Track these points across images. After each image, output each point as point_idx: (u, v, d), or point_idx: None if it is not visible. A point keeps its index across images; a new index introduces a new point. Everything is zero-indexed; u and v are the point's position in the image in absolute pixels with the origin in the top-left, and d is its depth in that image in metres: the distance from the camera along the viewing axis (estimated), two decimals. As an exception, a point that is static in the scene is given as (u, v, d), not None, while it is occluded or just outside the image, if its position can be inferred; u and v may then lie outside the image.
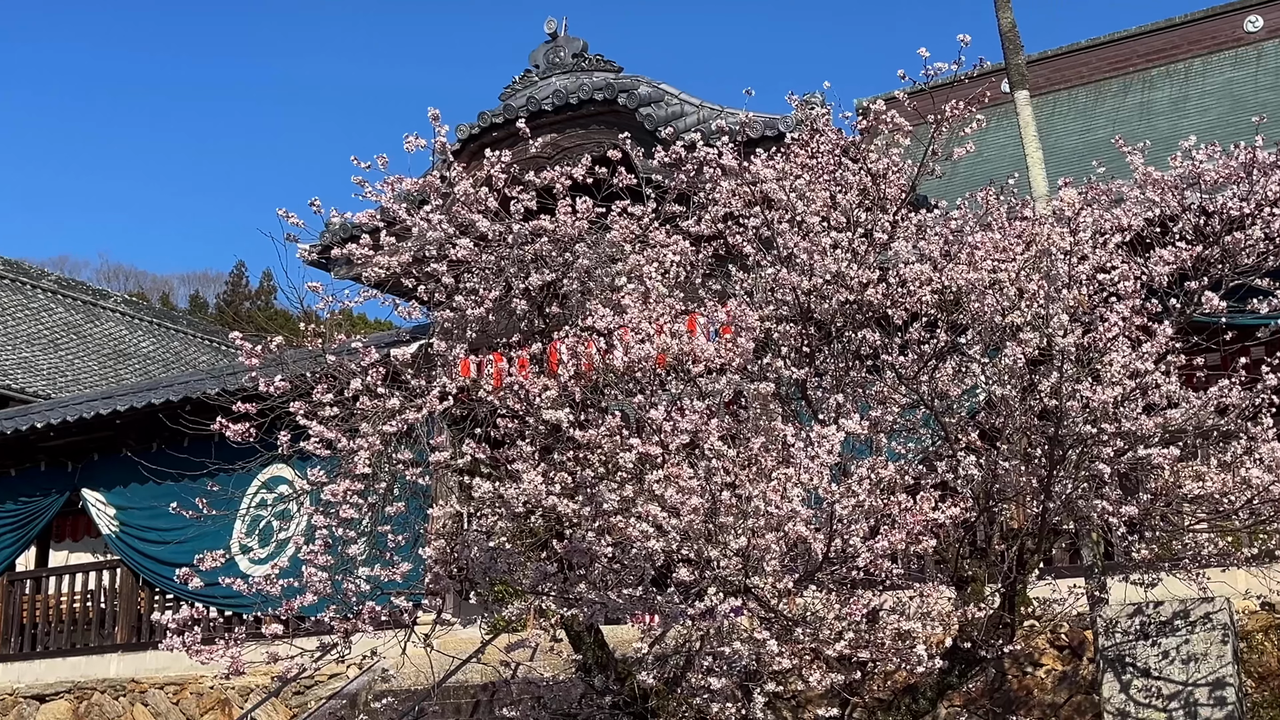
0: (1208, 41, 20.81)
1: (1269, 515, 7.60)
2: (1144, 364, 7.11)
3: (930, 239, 7.64)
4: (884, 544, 6.40)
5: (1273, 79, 19.82)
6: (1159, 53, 21.11)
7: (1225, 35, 20.76)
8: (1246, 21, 20.70)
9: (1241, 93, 19.74)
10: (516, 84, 14.06)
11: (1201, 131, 16.88)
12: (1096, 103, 21.14)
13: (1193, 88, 20.43)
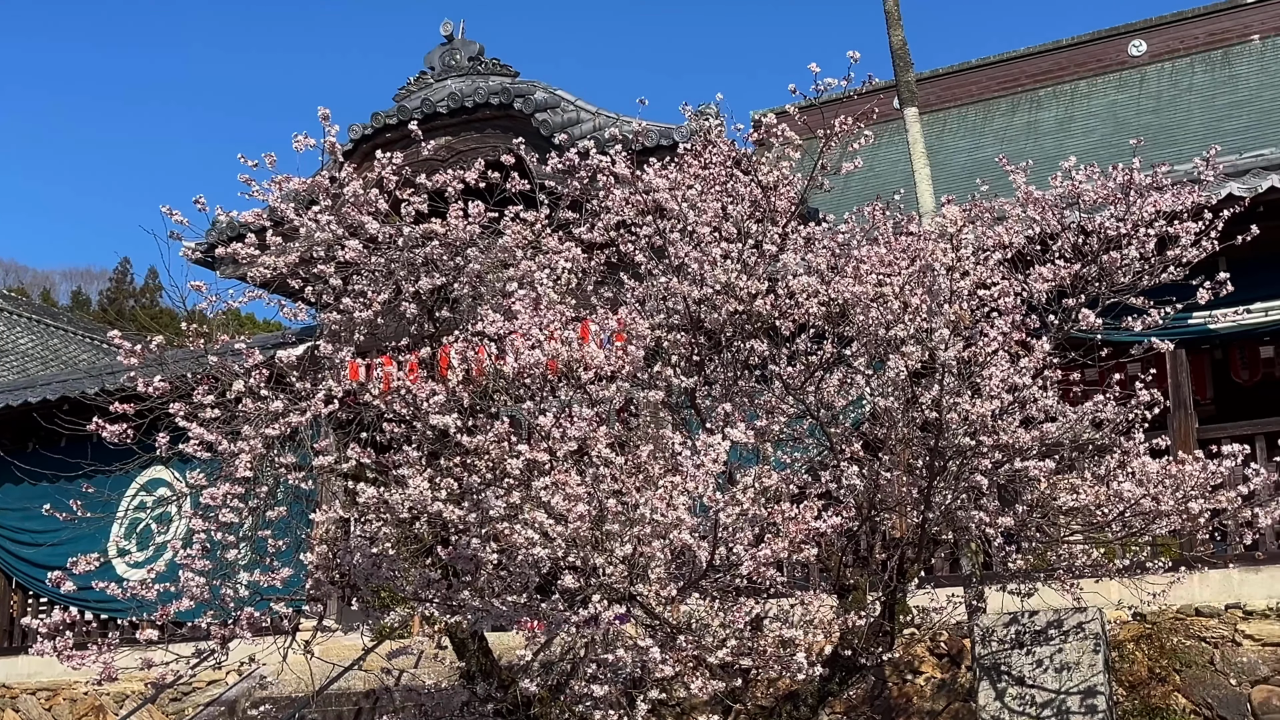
0: (1093, 64, 21.39)
1: (1140, 527, 7.81)
2: (1022, 378, 7.28)
3: (818, 252, 7.74)
4: (767, 552, 6.46)
5: (1154, 102, 20.44)
6: (1046, 74, 21.65)
7: (1110, 58, 21.35)
8: (1131, 45, 21.31)
9: (1124, 115, 20.31)
10: (411, 85, 13.96)
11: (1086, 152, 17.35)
12: (985, 121, 21.60)
13: (1078, 108, 20.97)
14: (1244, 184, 9.90)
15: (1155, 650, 9.73)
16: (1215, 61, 20.42)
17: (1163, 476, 7.50)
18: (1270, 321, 10.75)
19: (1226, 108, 19.54)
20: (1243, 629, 9.82)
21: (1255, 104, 19.35)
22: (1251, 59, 20.20)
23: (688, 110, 8.44)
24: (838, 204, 9.66)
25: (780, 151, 7.79)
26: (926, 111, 21.26)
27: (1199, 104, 19.95)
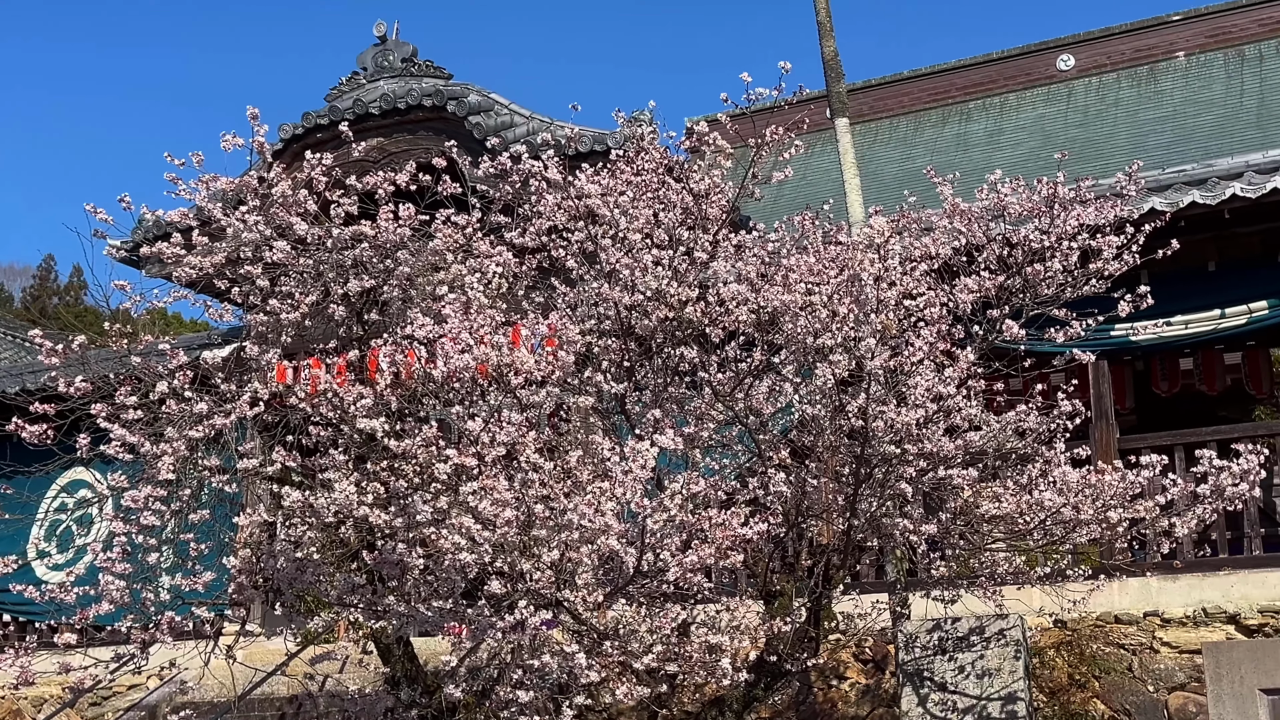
0: (1022, 78, 21.69)
1: (1061, 536, 7.94)
2: (947, 388, 7.37)
3: (749, 260, 7.79)
4: (694, 558, 6.48)
5: (1081, 116, 20.76)
6: (977, 86, 21.92)
7: (1039, 72, 21.66)
8: (1059, 60, 21.64)
9: (1052, 128, 20.61)
10: (343, 86, 13.86)
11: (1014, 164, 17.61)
12: (916, 132, 21.83)
13: (1007, 121, 21.26)
14: (1166, 199, 10.10)
15: (1075, 657, 9.88)
16: (1141, 77, 20.79)
17: (1083, 486, 7.63)
18: (1190, 334, 10.97)
19: (1152, 123, 19.90)
20: (1160, 636, 10.01)
21: (1179, 119, 19.73)
22: (1176, 75, 20.59)
23: (621, 116, 8.46)
24: (770, 212, 9.72)
25: (712, 159, 7.83)
26: (859, 121, 21.46)
27: (1125, 118, 20.31)
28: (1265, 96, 19.52)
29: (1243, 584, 10.08)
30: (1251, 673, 7.46)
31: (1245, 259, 10.76)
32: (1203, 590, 10.15)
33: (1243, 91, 19.80)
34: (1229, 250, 10.76)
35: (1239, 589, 10.07)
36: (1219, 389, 13.88)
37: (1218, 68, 20.41)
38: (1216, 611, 9.98)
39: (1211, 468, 7.58)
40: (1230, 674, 7.47)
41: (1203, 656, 7.84)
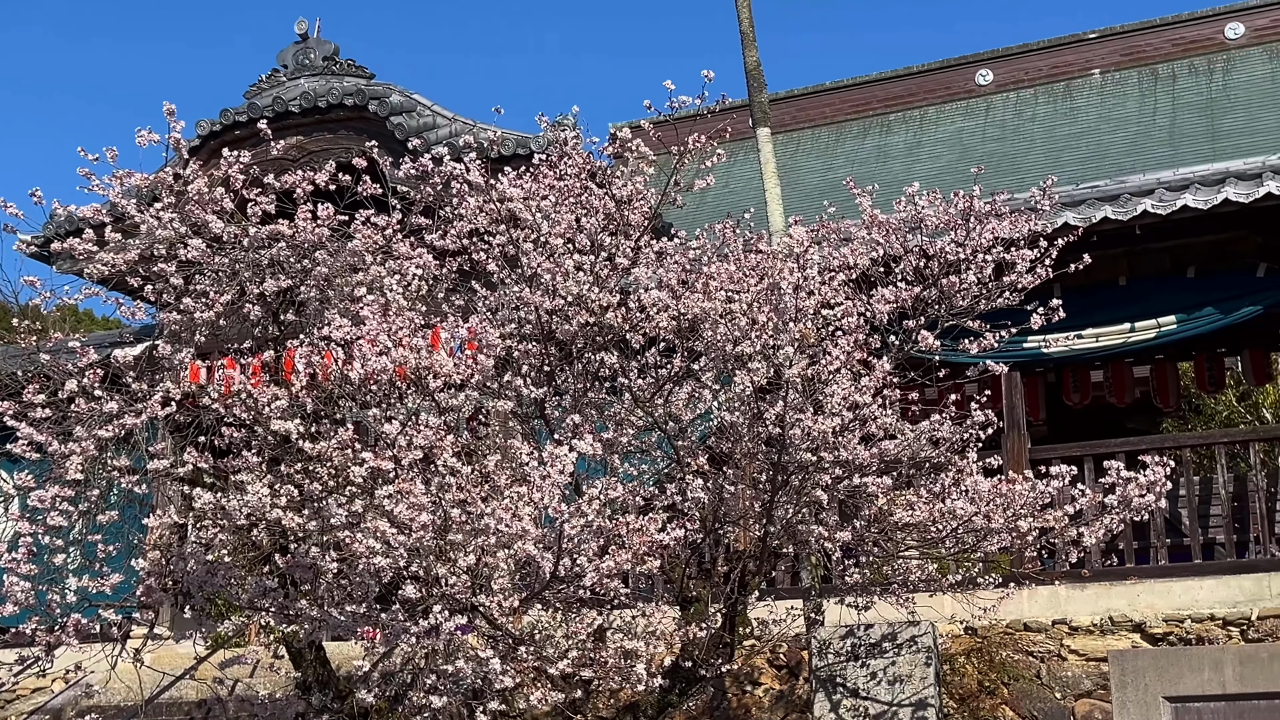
0: (942, 91, 21.98)
1: (972, 544, 8.06)
2: (863, 396, 7.45)
3: (670, 267, 7.82)
4: (611, 564, 6.49)
5: (999, 130, 21.09)
6: (897, 99, 22.17)
7: (958, 86, 21.96)
8: (978, 75, 21.96)
9: (971, 142, 20.92)
10: (263, 83, 13.70)
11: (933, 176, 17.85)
12: (838, 143, 22.04)
13: (927, 134, 21.53)
14: (1079, 214, 10.29)
15: (985, 664, 10.03)
16: (1058, 93, 21.17)
17: (994, 495, 7.74)
18: (1101, 347, 11.18)
19: (1067, 138, 20.27)
20: (1068, 644, 10.19)
21: (1094, 136, 20.11)
22: (1092, 92, 20.99)
23: (544, 121, 8.45)
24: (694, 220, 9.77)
25: (635, 166, 7.85)
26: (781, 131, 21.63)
27: (1041, 134, 20.66)
28: (1177, 115, 19.97)
29: (1148, 593, 10.28)
30: (1155, 681, 7.62)
31: (1155, 274, 11.00)
32: (1110, 599, 10.34)
33: (1155, 110, 20.23)
34: (1140, 265, 10.99)
35: (1145, 598, 10.28)
36: (1128, 401, 14.17)
37: (1131, 86, 20.84)
38: (1123, 620, 10.18)
39: (1119, 478, 7.73)
40: (1135, 682, 7.62)
41: (1109, 664, 7.99)
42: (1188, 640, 9.88)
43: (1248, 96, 19.67)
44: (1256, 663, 7.52)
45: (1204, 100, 19.92)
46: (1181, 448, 11.28)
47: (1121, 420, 15.56)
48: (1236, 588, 10.09)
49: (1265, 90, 19.72)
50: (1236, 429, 16.56)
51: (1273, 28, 20.38)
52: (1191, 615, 10.00)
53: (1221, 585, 10.14)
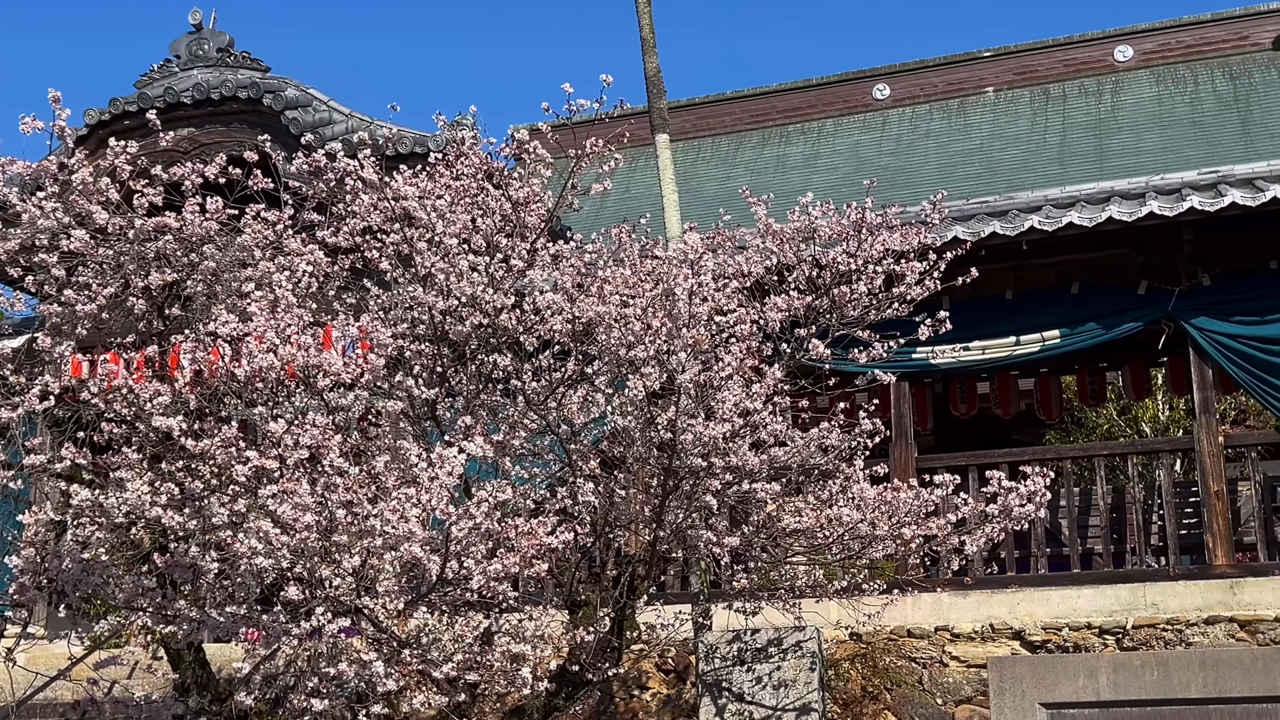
0: (840, 104, 22.26)
1: (857, 550, 8.17)
2: (754, 403, 7.51)
3: (565, 270, 7.81)
4: (498, 566, 6.46)
5: (895, 144, 21.41)
6: (796, 110, 22.41)
7: (856, 100, 22.26)
8: (876, 89, 22.28)
9: (867, 155, 21.21)
10: (155, 73, 13.42)
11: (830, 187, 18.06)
12: (737, 152, 22.22)
13: (824, 146, 21.80)
14: (969, 228, 10.48)
15: (869, 669, 10.16)
16: (952, 109, 21.56)
17: (880, 503, 7.86)
18: (987, 359, 11.40)
19: (960, 154, 20.65)
20: (950, 650, 10.37)
21: (987, 152, 20.51)
22: (985, 109, 21.42)
23: (442, 120, 8.39)
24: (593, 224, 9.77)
25: (532, 168, 7.84)
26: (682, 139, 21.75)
27: (936, 149, 21.02)
28: (1067, 134, 20.46)
29: (1028, 601, 10.51)
30: (1033, 687, 7.76)
31: (1041, 289, 11.25)
32: (991, 606, 10.55)
33: (1046, 128, 20.70)
34: (1026, 280, 11.23)
35: (1025, 606, 10.50)
36: (1013, 413, 14.47)
37: (1024, 104, 21.31)
38: (1003, 627, 10.38)
39: (1001, 488, 7.89)
40: (1013, 688, 7.77)
41: (988, 671, 8.14)
42: (1065, 648, 10.11)
43: (1134, 118, 20.23)
44: (1129, 670, 7.71)
45: (1093, 120, 20.44)
46: (1063, 459, 11.55)
47: (1007, 431, 15.90)
48: (1113, 597, 10.35)
49: (1151, 112, 20.29)
50: (1116, 442, 17.00)
51: (1160, 51, 20.99)
52: (1069, 623, 10.23)
53: (1099, 594, 10.39)
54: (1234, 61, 20.43)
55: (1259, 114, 19.44)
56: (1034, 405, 14.61)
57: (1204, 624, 9.92)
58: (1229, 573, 10.25)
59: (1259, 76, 20.08)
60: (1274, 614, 9.86)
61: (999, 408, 14.22)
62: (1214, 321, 10.60)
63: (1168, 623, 10.01)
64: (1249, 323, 10.52)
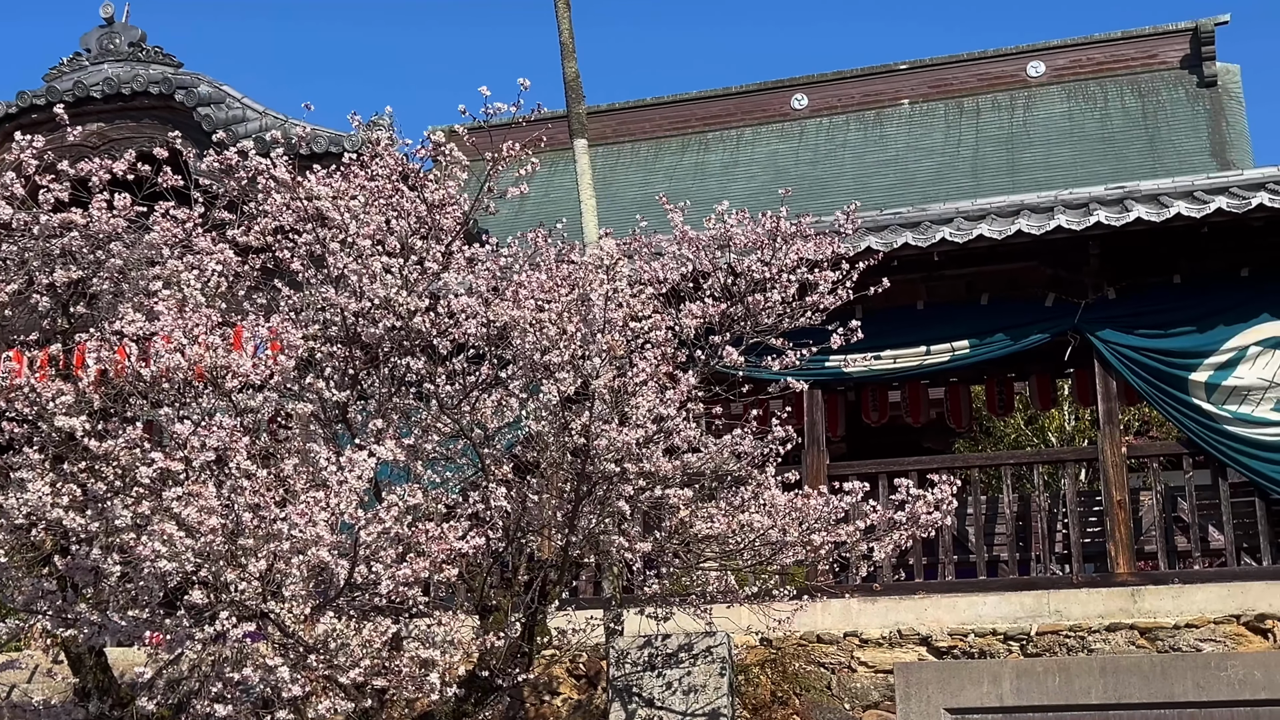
0: (759, 113, 22.43)
1: (768, 556, 8.23)
2: (668, 409, 7.54)
3: (480, 274, 7.79)
4: (407, 571, 6.42)
5: (813, 154, 21.62)
6: (716, 118, 22.55)
7: (774, 109, 22.45)
8: (794, 99, 22.48)
9: (785, 164, 21.39)
10: (64, 66, 13.16)
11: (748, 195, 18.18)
12: (657, 158, 22.29)
13: (743, 154, 21.95)
14: (882, 239, 10.60)
15: (779, 674, 10.23)
16: (869, 121, 21.83)
17: (790, 509, 7.92)
18: (898, 368, 11.54)
19: (876, 165, 20.90)
20: (858, 656, 10.46)
21: (902, 163, 20.78)
22: (901, 122, 21.70)
23: (357, 120, 8.32)
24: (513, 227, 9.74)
25: (448, 170, 7.80)
26: (603, 144, 21.79)
27: (852, 159, 21.26)
28: (980, 147, 20.79)
29: (935, 607, 10.64)
30: (938, 693, 7.90)
31: (951, 300, 11.40)
32: (899, 613, 10.66)
33: (960, 141, 21.02)
34: (937, 291, 11.38)
35: (932, 612, 10.63)
36: (923, 421, 14.65)
37: (939, 117, 21.62)
38: (911, 633, 10.50)
39: (909, 496, 7.99)
40: (919, 693, 7.89)
41: (895, 676, 8.24)
42: (971, 654, 10.25)
43: (1046, 132, 20.62)
44: (1032, 676, 7.86)
45: (1006, 134, 20.80)
46: (970, 467, 11.71)
47: (918, 439, 16.10)
48: (1018, 604, 10.52)
49: (1062, 127, 20.69)
50: (1023, 451, 17.30)
51: (1071, 68, 21.42)
52: (975, 630, 10.38)
53: (1004, 601, 10.55)
54: (1143, 79, 20.91)
55: (1166, 131, 19.92)
56: (944, 414, 14.82)
57: (1106, 631, 10.11)
58: (1130, 581, 10.46)
59: (1166, 95, 20.57)
60: (1173, 621, 10.08)
61: (910, 416, 14.40)
62: (1118, 334, 10.82)
63: (1071, 629, 10.19)
64: (1152, 336, 10.75)
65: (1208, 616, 10.03)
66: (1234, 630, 9.99)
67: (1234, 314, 10.60)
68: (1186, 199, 10.34)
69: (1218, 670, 7.64)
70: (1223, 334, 10.59)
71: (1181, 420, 10.72)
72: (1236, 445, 10.47)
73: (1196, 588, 10.25)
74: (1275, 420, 10.39)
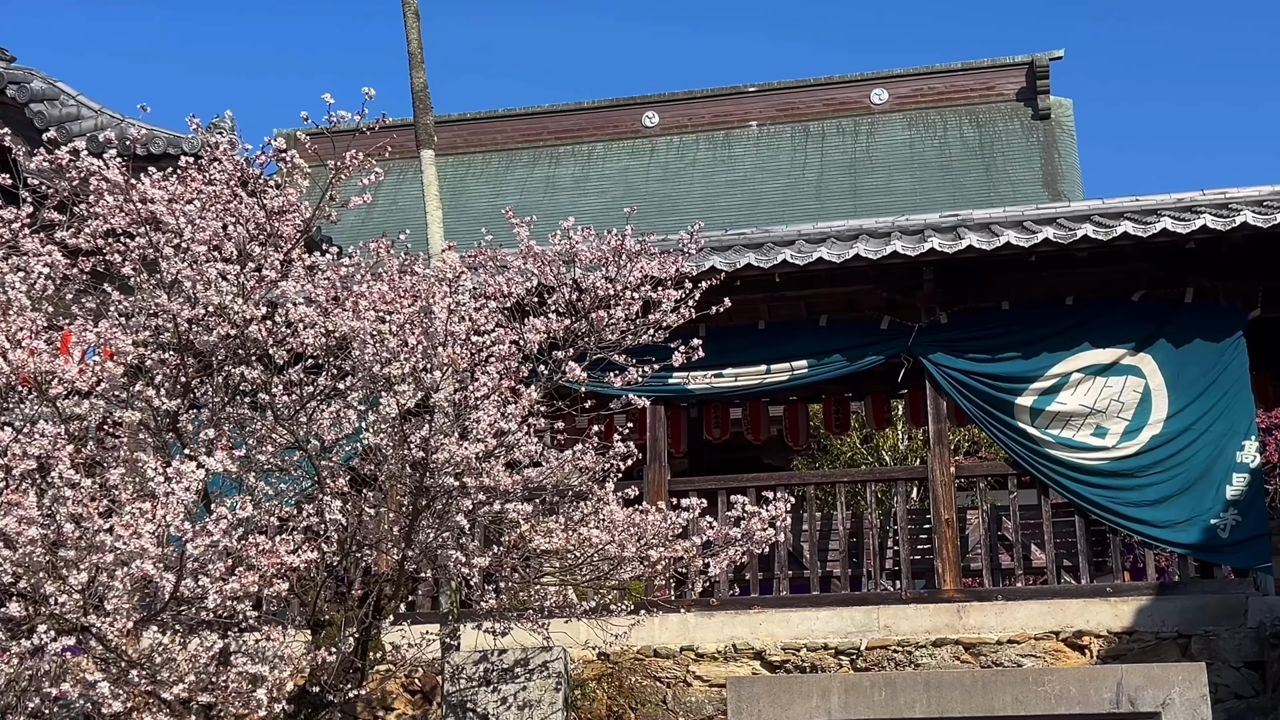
0: (611, 129, 22.59)
1: (607, 571, 8.27)
2: (509, 423, 7.53)
3: (320, 283, 7.68)
4: (235, 585, 6.30)
5: (662, 172, 21.84)
6: (568, 132, 22.63)
7: (626, 126, 22.63)
8: (645, 116, 22.69)
9: (635, 181, 21.57)
10: (-114, 55, 12.58)
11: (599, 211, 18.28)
12: (508, 170, 22.26)
13: (594, 169, 22.07)
14: (726, 259, 10.76)
15: (615, 689, 10.29)
16: (718, 141, 22.16)
17: (629, 524, 7.98)
18: (740, 387, 11.71)
19: (724, 185, 21.21)
20: (694, 670, 10.59)
21: (749, 184, 21.13)
22: (749, 143, 22.08)
23: (196, 122, 8.15)
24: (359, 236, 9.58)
25: (288, 176, 7.69)
26: (453, 153, 21.68)
27: (701, 178, 21.54)
28: (824, 171, 21.26)
29: (770, 622, 10.82)
30: (769, 707, 8.01)
31: (792, 320, 11.63)
32: (735, 627, 10.82)
33: (805, 164, 21.46)
34: (778, 311, 11.60)
35: (766, 627, 10.81)
36: (763, 438, 14.90)
37: (785, 140, 22.05)
38: (745, 648, 10.66)
39: (744, 512, 8.12)
40: (750, 708, 7.99)
41: (727, 691, 8.35)
42: (803, 668, 10.46)
43: (888, 159, 21.20)
44: (860, 691, 8.03)
45: (849, 159, 21.32)
46: (807, 485, 11.95)
47: (759, 456, 16.37)
48: (849, 619, 10.76)
49: (903, 155, 21.30)
50: (857, 469, 17.70)
51: (913, 96, 22.06)
52: (808, 644, 10.59)
53: (836, 616, 10.79)
54: (981, 110, 21.66)
55: (1001, 161, 20.66)
56: (783, 432, 15.09)
57: (932, 646, 10.41)
58: (956, 597, 10.79)
59: (1003, 126, 21.34)
60: (996, 637, 10.42)
61: (750, 433, 14.63)
62: (949, 358, 11.16)
63: (899, 644, 10.46)
64: (981, 360, 11.12)
65: (1029, 633, 10.40)
66: (1053, 646, 10.39)
67: (1058, 341, 11.03)
68: (1016, 228, 10.73)
69: (1036, 685, 7.89)
70: (1047, 360, 11.01)
71: (1007, 443, 11.11)
72: (1058, 468, 10.89)
73: (1019, 604, 10.62)
74: (1095, 445, 10.84)
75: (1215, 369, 10.81)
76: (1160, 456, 10.73)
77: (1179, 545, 10.72)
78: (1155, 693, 7.69)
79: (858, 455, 19.37)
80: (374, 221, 19.35)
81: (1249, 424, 10.77)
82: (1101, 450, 10.82)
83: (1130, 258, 10.81)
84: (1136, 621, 10.35)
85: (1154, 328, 10.96)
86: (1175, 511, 10.65)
